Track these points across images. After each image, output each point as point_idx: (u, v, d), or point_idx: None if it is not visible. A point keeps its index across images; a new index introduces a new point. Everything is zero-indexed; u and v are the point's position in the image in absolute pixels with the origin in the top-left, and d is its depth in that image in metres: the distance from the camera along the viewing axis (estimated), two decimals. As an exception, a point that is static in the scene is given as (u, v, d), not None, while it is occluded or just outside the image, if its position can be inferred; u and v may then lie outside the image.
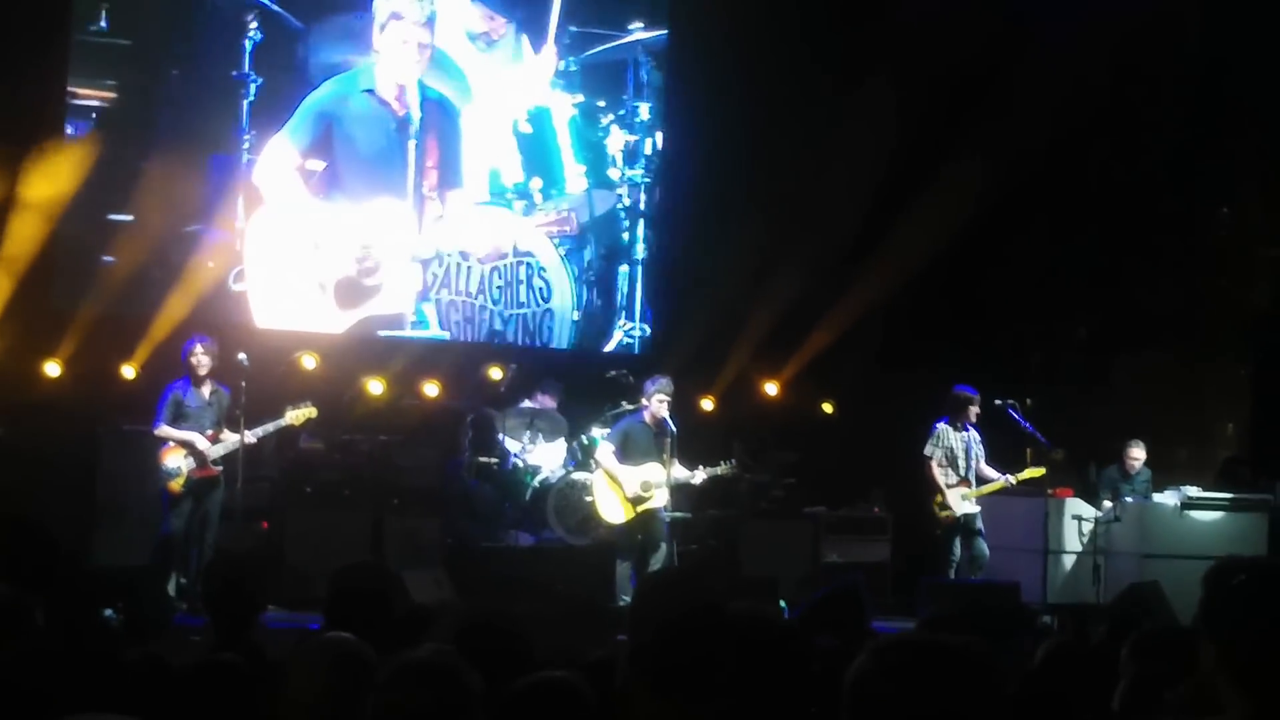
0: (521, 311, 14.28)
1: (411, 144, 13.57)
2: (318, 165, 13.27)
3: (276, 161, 13.16)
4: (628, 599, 10.56)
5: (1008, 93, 13.37)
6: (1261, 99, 14.21)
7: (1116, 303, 14.83)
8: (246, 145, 13.05)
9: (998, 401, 12.02)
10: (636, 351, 14.43)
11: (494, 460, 12.51)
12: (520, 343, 14.14)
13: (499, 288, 14.16)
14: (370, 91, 13.50)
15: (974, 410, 11.96)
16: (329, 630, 4.36)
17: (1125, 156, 14.03)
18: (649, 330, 14.61)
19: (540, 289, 14.34)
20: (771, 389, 14.41)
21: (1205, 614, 2.91)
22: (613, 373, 12.99)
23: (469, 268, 14.02)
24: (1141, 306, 14.73)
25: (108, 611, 7.58)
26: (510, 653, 3.98)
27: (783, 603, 8.90)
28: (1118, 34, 13.56)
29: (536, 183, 14.27)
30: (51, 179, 11.89)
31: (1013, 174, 13.43)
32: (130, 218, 12.44)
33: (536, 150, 14.31)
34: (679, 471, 11.07)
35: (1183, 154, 14.17)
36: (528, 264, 14.27)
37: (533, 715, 3.25)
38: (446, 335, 13.89)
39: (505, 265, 14.16)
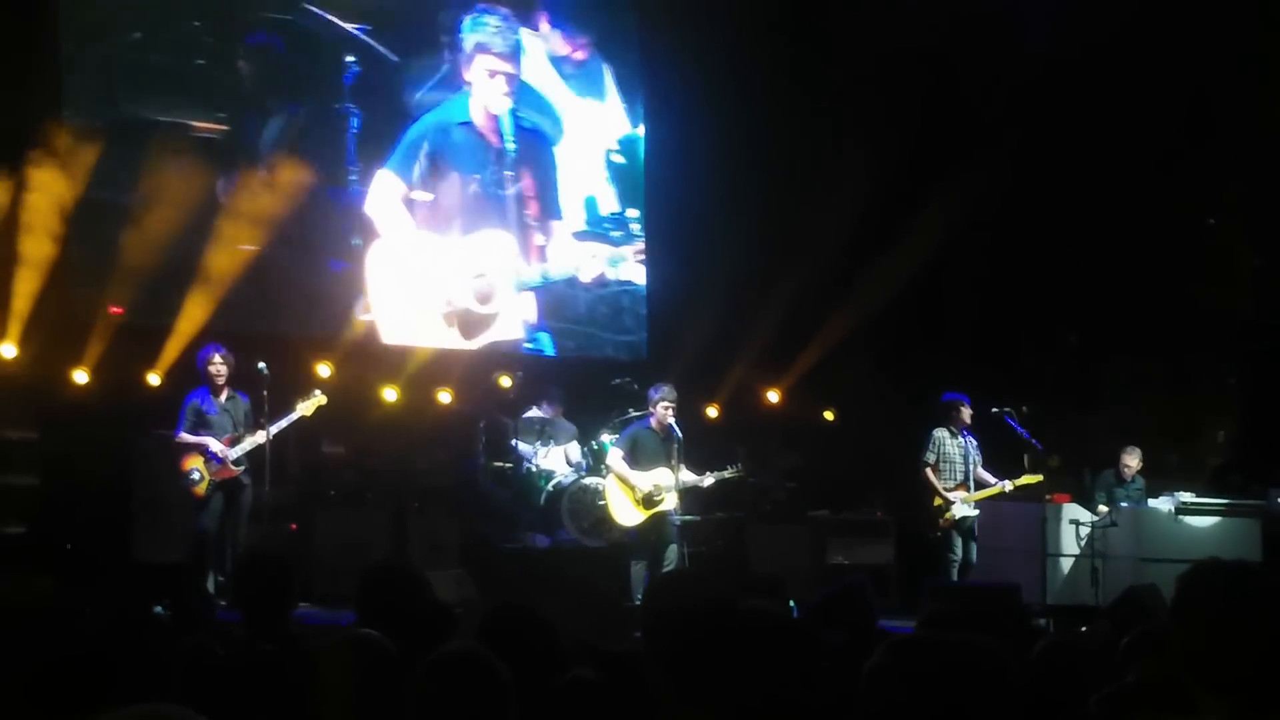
0: (628, 339, 14.81)
1: (509, 175, 14.05)
2: (425, 196, 13.72)
3: (385, 194, 13.59)
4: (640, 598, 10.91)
5: (998, 105, 13.62)
6: (1247, 109, 14.47)
7: (1107, 312, 15.07)
8: (354, 177, 13.48)
9: (994, 409, 12.32)
10: (645, 356, 14.73)
11: (508, 465, 12.85)
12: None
13: (605, 315, 14.67)
14: (467, 124, 13.95)
15: (965, 413, 12.27)
16: (360, 626, 4.56)
17: (1114, 168, 14.18)
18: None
19: (642, 316, 14.87)
20: (773, 396, 14.70)
21: (1178, 617, 3.01)
22: (618, 380, 13.24)
23: (576, 295, 14.51)
24: (1132, 315, 14.97)
25: (157, 607, 7.84)
26: (536, 642, 4.09)
27: (791, 601, 9.10)
28: (1103, 44, 13.82)
29: (632, 213, 14.78)
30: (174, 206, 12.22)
31: (1005, 186, 13.66)
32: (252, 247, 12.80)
33: (629, 180, 14.82)
34: (687, 475, 11.36)
35: (1170, 165, 14.38)
36: (629, 292, 14.78)
37: (569, 713, 3.34)
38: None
39: (608, 293, 14.65)
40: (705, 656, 3.13)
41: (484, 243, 14.00)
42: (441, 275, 13.78)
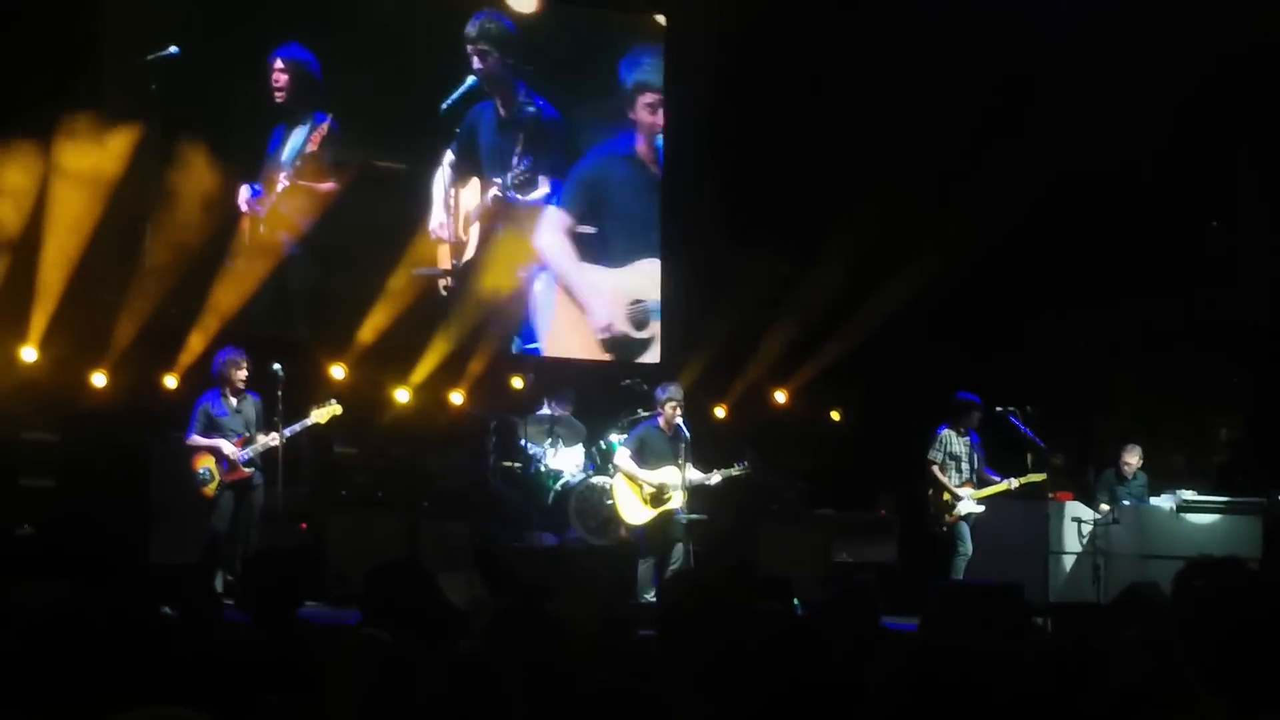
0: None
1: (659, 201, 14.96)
2: (588, 229, 14.56)
3: (553, 228, 14.47)
4: (649, 597, 11.01)
5: (1009, 115, 13.69)
6: (1252, 113, 14.54)
7: (1115, 315, 15.16)
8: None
9: (999, 409, 12.42)
10: (658, 360, 14.84)
11: (517, 465, 12.97)
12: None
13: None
14: (631, 156, 14.87)
15: (976, 416, 12.37)
16: (366, 625, 4.61)
17: (1120, 172, 14.25)
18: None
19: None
20: (781, 397, 14.83)
21: (1174, 616, 3.09)
22: (627, 381, 13.34)
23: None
24: (1138, 318, 15.05)
25: (165, 608, 7.90)
26: (545, 645, 4.08)
27: (796, 601, 9.19)
28: (1112, 51, 13.93)
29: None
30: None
31: (1015, 193, 13.74)
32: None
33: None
34: (694, 474, 11.47)
35: (1176, 168, 14.44)
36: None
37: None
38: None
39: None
40: (719, 657, 3.22)
41: (640, 270, 14.86)
42: (602, 303, 14.63)
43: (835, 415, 15.09)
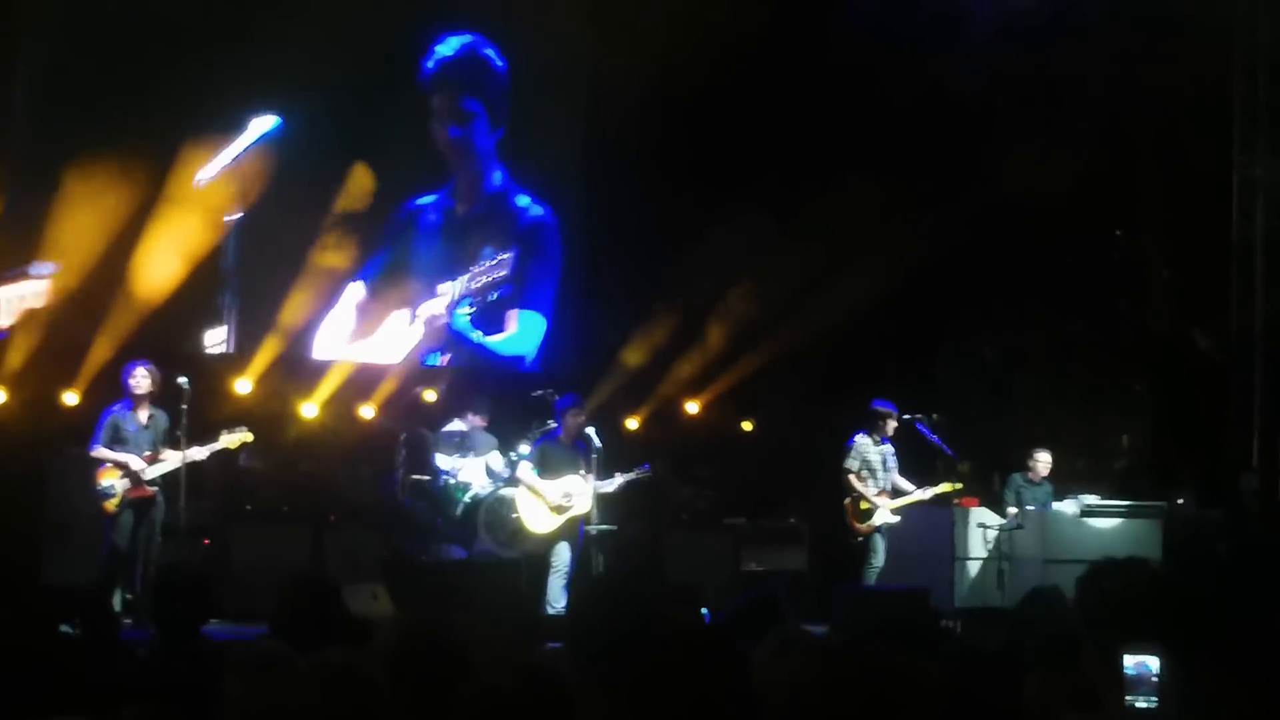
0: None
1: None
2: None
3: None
4: (559, 608, 10.98)
5: (918, 132, 13.87)
6: (1158, 126, 14.83)
7: (1020, 323, 15.36)
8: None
9: (907, 416, 12.53)
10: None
11: (426, 478, 12.89)
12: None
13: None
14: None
15: (891, 424, 12.48)
16: (270, 638, 4.60)
17: (1027, 182, 14.46)
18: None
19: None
20: (693, 408, 14.87)
21: (1082, 617, 3.17)
22: (539, 392, 13.30)
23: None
24: (1043, 326, 15.26)
25: (64, 627, 7.76)
26: (448, 660, 4.01)
27: (704, 610, 9.20)
28: (1024, 63, 14.17)
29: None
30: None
31: (924, 206, 13.93)
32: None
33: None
34: (598, 482, 11.51)
35: (1082, 179, 14.68)
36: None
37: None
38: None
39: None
40: (628, 665, 3.22)
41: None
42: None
43: (746, 426, 15.14)
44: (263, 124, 13.67)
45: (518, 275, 14.37)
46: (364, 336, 14.17)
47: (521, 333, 14.74)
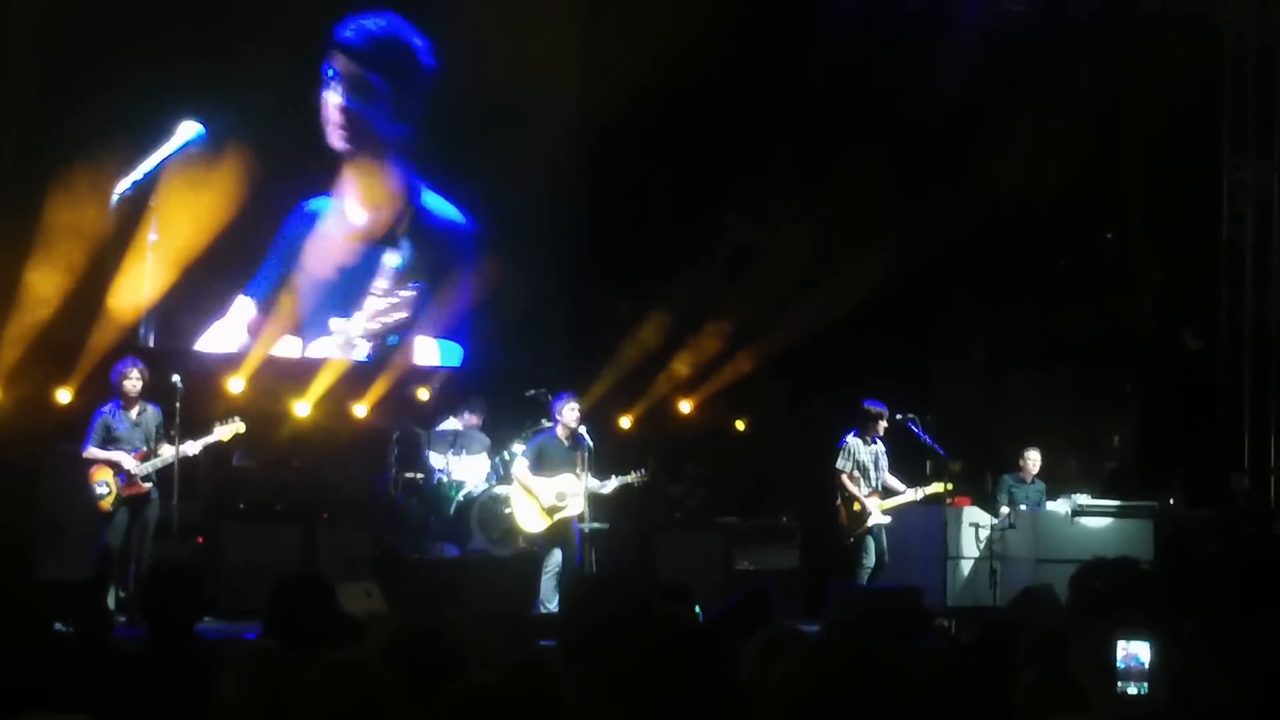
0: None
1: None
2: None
3: None
4: (551, 607, 11.01)
5: (914, 134, 13.90)
6: (1148, 128, 14.88)
7: (1012, 322, 15.39)
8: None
9: (899, 416, 12.56)
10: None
11: (419, 476, 12.90)
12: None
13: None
14: None
15: (882, 424, 12.50)
16: (265, 638, 4.65)
17: (1016, 185, 14.51)
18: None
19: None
20: (686, 407, 14.90)
21: (1073, 615, 3.17)
22: (532, 391, 13.29)
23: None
24: (1035, 327, 15.30)
25: (58, 625, 7.78)
26: (441, 658, 4.03)
27: (698, 608, 9.22)
28: (1014, 63, 14.21)
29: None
30: None
31: (917, 208, 13.97)
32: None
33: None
34: (592, 481, 11.51)
35: (1072, 180, 14.73)
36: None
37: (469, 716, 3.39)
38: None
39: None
40: (621, 661, 3.21)
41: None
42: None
43: (739, 425, 15.17)
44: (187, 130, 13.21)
45: (430, 298, 14.04)
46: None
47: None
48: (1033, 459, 13.21)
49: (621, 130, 14.11)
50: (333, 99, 13.87)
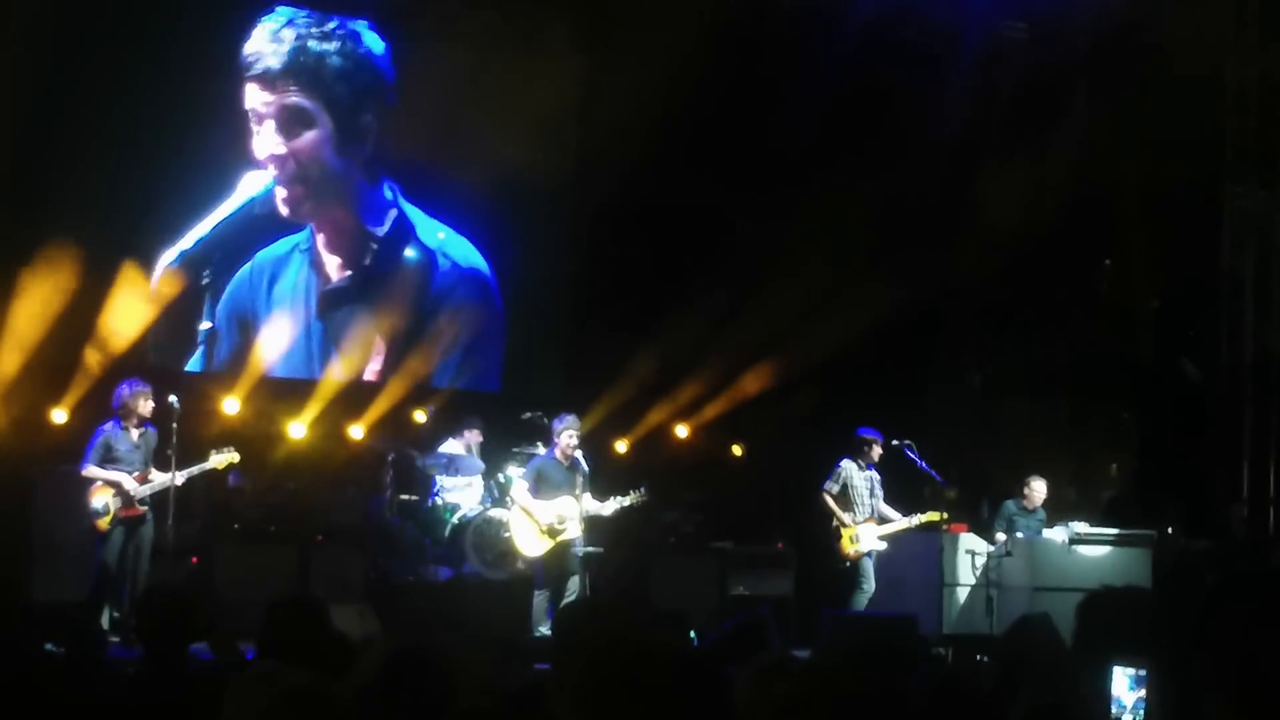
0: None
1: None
2: None
3: None
4: (544, 630, 10.96)
5: (907, 157, 13.94)
6: (1147, 157, 14.91)
7: (1009, 351, 15.40)
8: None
9: (895, 442, 12.56)
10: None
11: (414, 498, 12.86)
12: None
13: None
14: None
15: (877, 450, 12.50)
16: (260, 660, 4.64)
17: (1015, 214, 14.53)
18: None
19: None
20: (683, 432, 14.89)
21: (1079, 646, 3.17)
22: (527, 414, 13.31)
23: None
24: (1033, 354, 15.31)
25: (49, 645, 7.74)
26: (435, 685, 4.02)
27: (692, 634, 9.18)
28: (1013, 93, 14.27)
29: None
30: None
31: (912, 234, 14.00)
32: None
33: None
34: (590, 504, 11.50)
35: (1070, 209, 14.75)
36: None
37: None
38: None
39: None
40: (613, 688, 3.14)
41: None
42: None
43: (736, 450, 15.15)
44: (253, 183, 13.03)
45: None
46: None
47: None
48: (1038, 489, 13.17)
49: (626, 151, 14.05)
50: (257, 146, 12.74)
